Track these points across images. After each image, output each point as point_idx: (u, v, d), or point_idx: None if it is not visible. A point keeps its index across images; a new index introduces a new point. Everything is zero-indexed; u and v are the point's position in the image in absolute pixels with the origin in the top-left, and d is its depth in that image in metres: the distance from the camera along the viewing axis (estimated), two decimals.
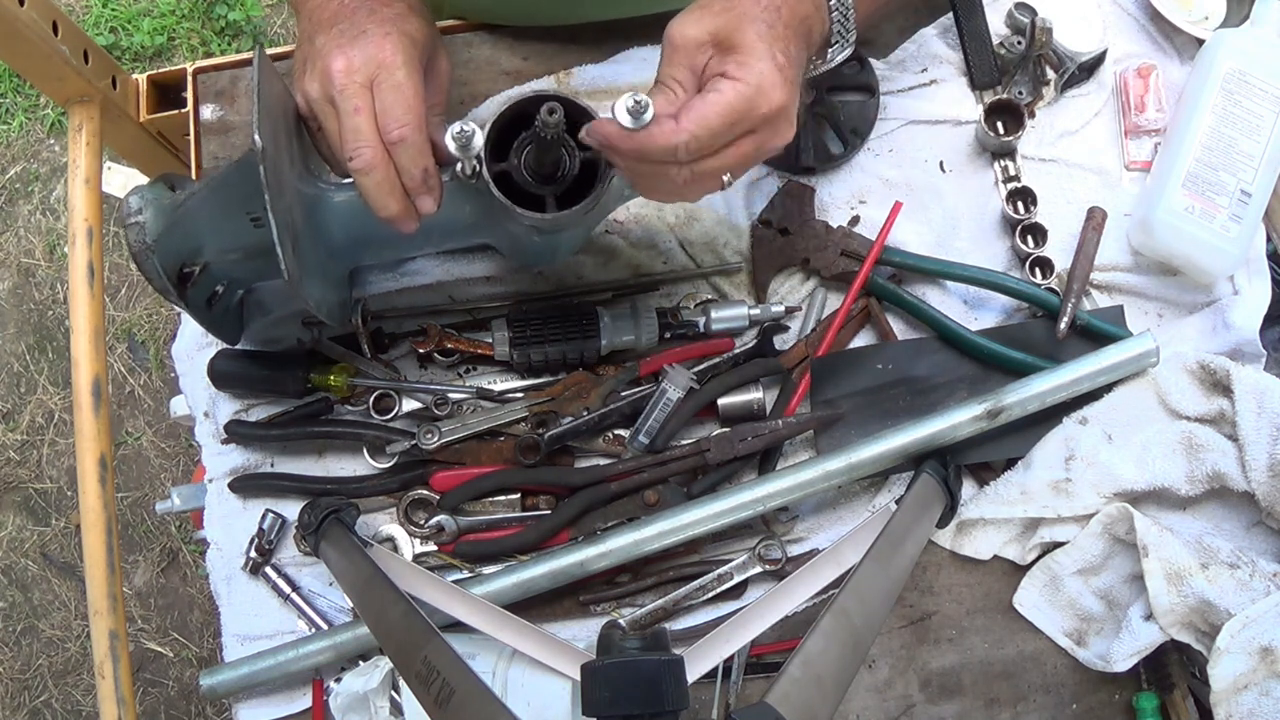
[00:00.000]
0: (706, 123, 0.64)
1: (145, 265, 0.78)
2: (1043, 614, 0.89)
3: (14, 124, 2.25)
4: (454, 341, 0.90)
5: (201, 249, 0.80)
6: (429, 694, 0.64)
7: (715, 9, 0.68)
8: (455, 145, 0.68)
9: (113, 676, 0.87)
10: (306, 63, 0.73)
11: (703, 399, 0.89)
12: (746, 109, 0.65)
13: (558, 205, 0.72)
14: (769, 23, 0.67)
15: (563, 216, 0.71)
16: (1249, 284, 0.94)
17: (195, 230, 0.79)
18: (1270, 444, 0.82)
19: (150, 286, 0.80)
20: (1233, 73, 0.92)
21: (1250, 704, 0.78)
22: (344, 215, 0.79)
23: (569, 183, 0.73)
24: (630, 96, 0.63)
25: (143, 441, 2.08)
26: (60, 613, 2.02)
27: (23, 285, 2.18)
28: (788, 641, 0.87)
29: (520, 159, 0.72)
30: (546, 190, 0.72)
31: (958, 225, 0.97)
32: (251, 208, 0.77)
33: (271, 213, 0.67)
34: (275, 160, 0.68)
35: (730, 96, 0.65)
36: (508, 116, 0.71)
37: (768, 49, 0.66)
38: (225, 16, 2.27)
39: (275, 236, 0.67)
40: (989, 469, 0.91)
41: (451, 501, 0.88)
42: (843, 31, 0.75)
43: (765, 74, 0.65)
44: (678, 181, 0.68)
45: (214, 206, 0.77)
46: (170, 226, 0.77)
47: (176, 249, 0.79)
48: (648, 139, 0.64)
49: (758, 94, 0.65)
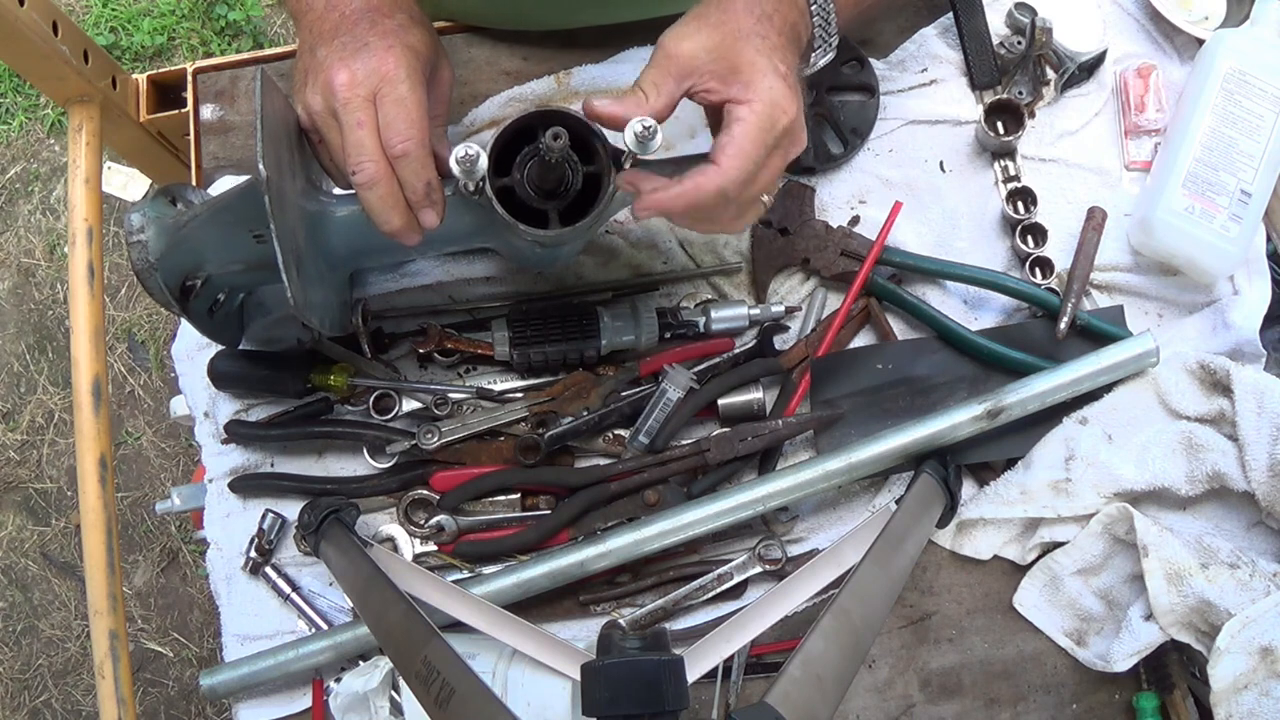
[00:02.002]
0: (744, 154, 0.66)
1: (149, 283, 0.78)
2: (1043, 614, 0.89)
3: (14, 124, 2.25)
4: (454, 341, 0.90)
5: (204, 264, 0.80)
6: (429, 694, 0.64)
7: (711, 21, 0.68)
8: (460, 169, 0.68)
9: (113, 676, 0.87)
10: (308, 74, 0.73)
11: (703, 399, 0.89)
12: (770, 127, 0.66)
13: (560, 220, 0.72)
14: (763, 35, 0.68)
15: (566, 233, 0.71)
16: (1249, 284, 0.94)
17: (198, 248, 0.79)
18: (1270, 444, 0.82)
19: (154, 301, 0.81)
20: (1233, 73, 0.92)
21: (1250, 704, 0.78)
22: (346, 228, 0.78)
23: (572, 197, 0.73)
24: (638, 122, 0.64)
25: (143, 441, 2.08)
26: (60, 613, 2.02)
27: (23, 285, 2.18)
28: (788, 641, 0.87)
29: (523, 174, 0.72)
30: (550, 205, 0.72)
31: (958, 225, 0.97)
32: (255, 226, 0.76)
33: (277, 242, 0.67)
34: (279, 186, 0.68)
35: (753, 121, 0.66)
36: (511, 131, 0.71)
37: (769, 63, 0.67)
38: (225, 16, 2.27)
39: (280, 262, 0.67)
40: (989, 469, 0.91)
41: (451, 501, 0.88)
42: (824, 35, 0.76)
43: (775, 89, 0.67)
44: (728, 217, 0.70)
45: (217, 227, 0.78)
46: (173, 246, 0.77)
47: (179, 265, 0.79)
48: (696, 190, 0.65)
49: (774, 110, 0.66)
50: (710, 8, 0.69)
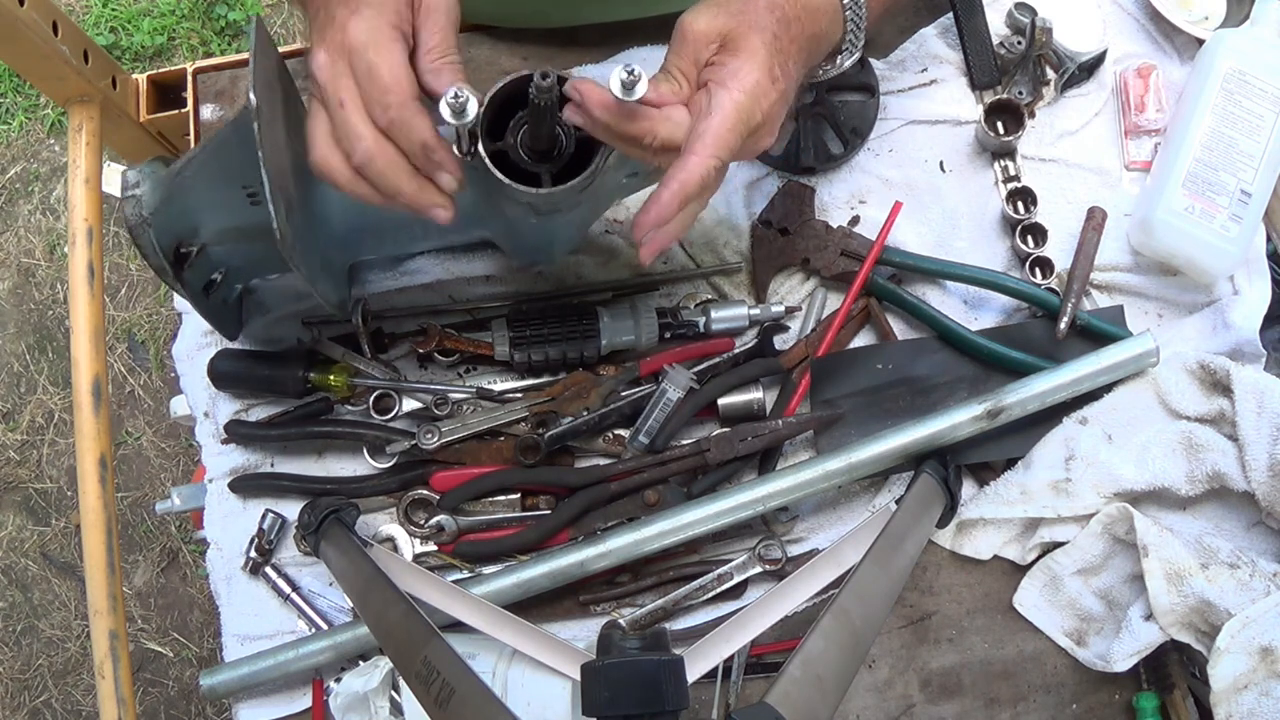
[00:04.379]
0: (724, 142, 0.66)
1: (141, 239, 0.77)
2: (1043, 614, 0.89)
3: (14, 124, 2.25)
4: (454, 341, 0.90)
5: (198, 228, 0.79)
6: (429, 694, 0.64)
7: (731, 9, 0.69)
8: (450, 111, 0.65)
9: (113, 676, 0.87)
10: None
11: (703, 399, 0.89)
12: (747, 118, 0.67)
13: (553, 183, 0.72)
14: (776, 33, 0.69)
15: (558, 192, 0.71)
16: (1249, 284, 0.94)
17: (192, 205, 0.78)
18: (1270, 444, 0.82)
19: (148, 264, 0.79)
20: (1233, 73, 0.92)
21: (1250, 704, 0.78)
22: (344, 204, 0.78)
23: (565, 160, 0.73)
24: (623, 69, 0.64)
25: (143, 441, 2.08)
26: (60, 613, 2.02)
27: (23, 285, 2.18)
28: (788, 641, 0.87)
29: (517, 138, 0.72)
30: (543, 168, 0.72)
31: (958, 225, 0.97)
32: (248, 180, 0.75)
33: (264, 165, 0.65)
34: (270, 120, 0.67)
35: (730, 110, 0.66)
36: (503, 95, 0.71)
37: (767, 58, 0.68)
38: (225, 16, 2.27)
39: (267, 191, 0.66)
40: (989, 469, 0.91)
41: (451, 501, 0.88)
42: (854, 39, 0.77)
43: (759, 83, 0.67)
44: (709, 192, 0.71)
45: (210, 177, 0.76)
46: (167, 198, 0.77)
47: (173, 225, 0.78)
48: (683, 188, 0.66)
49: (752, 103, 0.67)
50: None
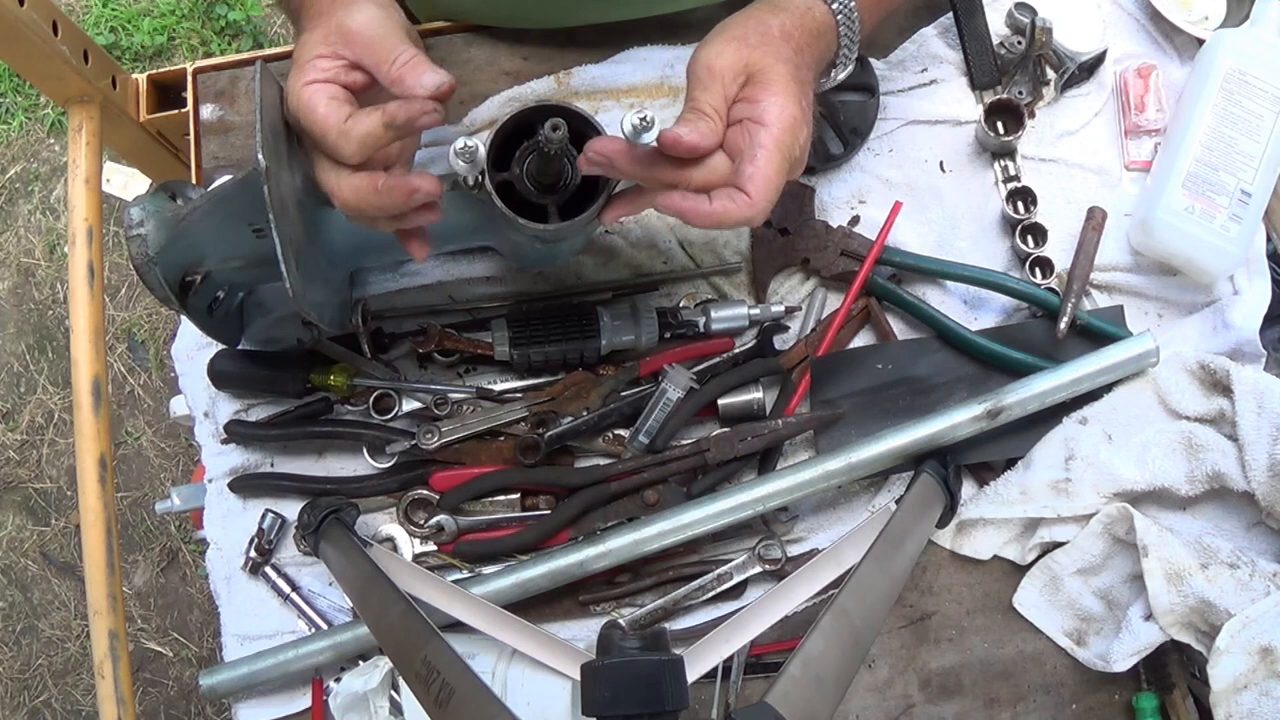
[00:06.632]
0: (771, 184, 0.67)
1: (148, 277, 0.78)
2: (1043, 614, 0.89)
3: (14, 124, 2.25)
4: (454, 341, 0.90)
5: (203, 259, 0.80)
6: (429, 694, 0.64)
7: (750, 42, 0.70)
8: (461, 161, 0.69)
9: (112, 676, 0.87)
10: None
11: (703, 399, 0.89)
12: (788, 155, 0.68)
13: (560, 215, 0.72)
14: (795, 63, 0.70)
15: (565, 227, 0.71)
16: (1249, 284, 0.94)
17: (197, 242, 0.79)
18: (1270, 444, 0.82)
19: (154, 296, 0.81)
20: (1233, 73, 0.92)
21: (1250, 704, 0.78)
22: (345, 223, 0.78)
23: (571, 192, 0.73)
24: (635, 114, 0.64)
25: (143, 441, 2.08)
26: (60, 613, 2.02)
27: (23, 285, 2.18)
28: (788, 641, 0.87)
29: (522, 169, 0.72)
30: (549, 200, 0.72)
31: (958, 225, 0.97)
32: (254, 219, 0.77)
33: (276, 232, 0.67)
34: (278, 176, 0.68)
35: (772, 149, 0.67)
36: (510, 126, 0.71)
37: (796, 91, 0.69)
38: (225, 16, 2.27)
39: (279, 254, 0.67)
40: (989, 469, 0.91)
41: (451, 501, 0.88)
42: (847, 52, 0.78)
43: (795, 118, 0.68)
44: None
45: (216, 220, 0.77)
46: (173, 239, 0.77)
47: (179, 260, 0.79)
48: (724, 215, 0.67)
49: (792, 139, 0.68)
50: (748, 30, 0.71)
